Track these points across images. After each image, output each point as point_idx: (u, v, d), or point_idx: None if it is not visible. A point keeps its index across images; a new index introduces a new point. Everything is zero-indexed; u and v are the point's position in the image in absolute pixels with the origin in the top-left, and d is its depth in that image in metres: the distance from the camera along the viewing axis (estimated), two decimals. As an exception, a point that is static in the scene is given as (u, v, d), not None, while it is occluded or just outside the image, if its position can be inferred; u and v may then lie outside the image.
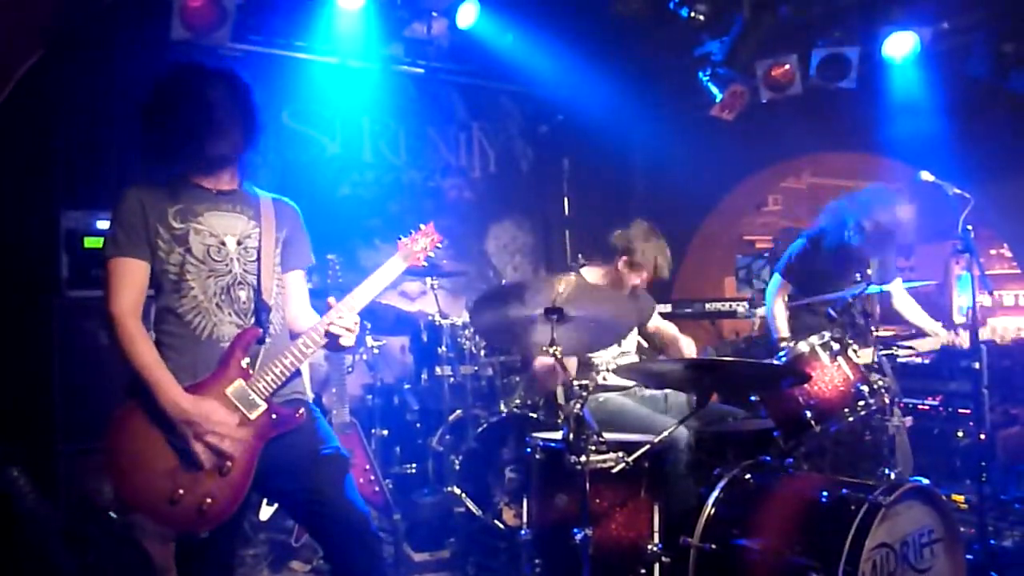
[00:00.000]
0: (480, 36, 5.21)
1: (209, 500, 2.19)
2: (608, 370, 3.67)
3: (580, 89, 5.73)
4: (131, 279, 2.26)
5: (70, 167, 4.36)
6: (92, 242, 3.94)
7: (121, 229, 2.27)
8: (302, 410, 2.35)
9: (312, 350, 2.35)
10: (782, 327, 4.11)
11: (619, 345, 3.72)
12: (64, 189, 4.30)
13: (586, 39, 5.51)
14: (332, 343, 2.36)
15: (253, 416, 2.27)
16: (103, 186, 4.28)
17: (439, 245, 2.64)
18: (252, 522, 3.80)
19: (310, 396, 2.65)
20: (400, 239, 2.60)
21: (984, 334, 3.81)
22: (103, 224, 3.97)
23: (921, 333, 4.13)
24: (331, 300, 2.39)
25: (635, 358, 3.83)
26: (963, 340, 4.00)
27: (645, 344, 4.08)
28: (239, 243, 2.36)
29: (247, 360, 2.29)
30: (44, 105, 4.27)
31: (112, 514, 3.45)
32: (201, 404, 2.19)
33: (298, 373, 2.42)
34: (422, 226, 2.64)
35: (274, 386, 2.30)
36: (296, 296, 2.53)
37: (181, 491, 2.18)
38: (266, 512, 3.83)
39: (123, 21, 4.39)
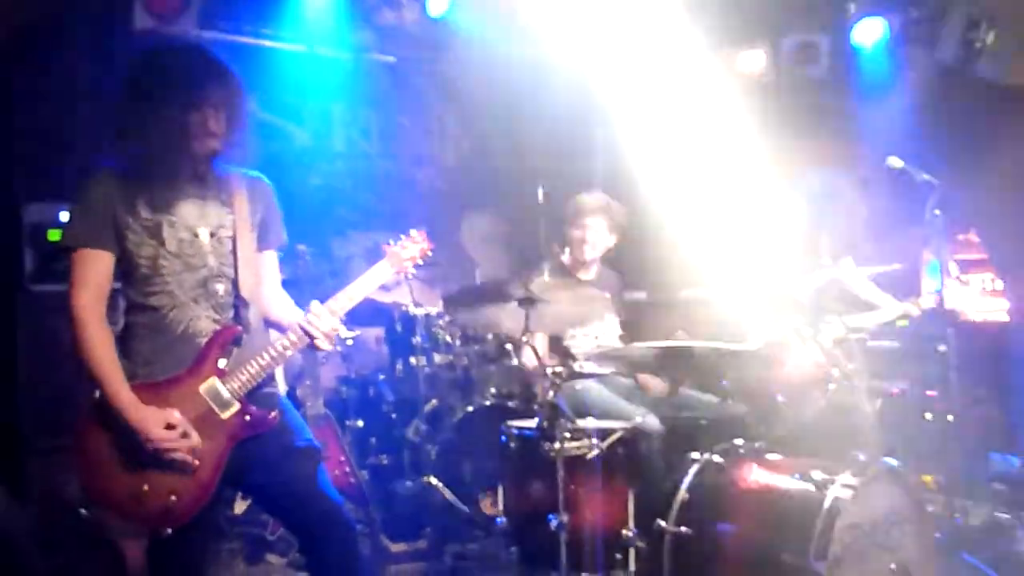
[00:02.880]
0: (452, 24, 5.18)
1: (174, 498, 2.16)
2: (585, 359, 3.69)
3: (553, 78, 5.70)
4: (94, 271, 2.19)
5: (33, 159, 4.27)
6: (56, 235, 3.86)
7: (84, 218, 2.20)
8: (275, 412, 2.30)
9: (291, 351, 2.30)
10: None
11: (596, 338, 3.73)
12: (27, 182, 4.21)
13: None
14: (311, 344, 2.32)
15: (225, 416, 2.23)
16: (67, 178, 4.18)
17: (429, 254, 2.55)
18: (227, 516, 3.77)
19: (283, 389, 2.63)
20: (388, 244, 2.51)
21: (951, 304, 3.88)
22: (67, 217, 3.90)
23: (872, 307, 4.19)
24: (314, 303, 2.34)
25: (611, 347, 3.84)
26: (913, 309, 4.07)
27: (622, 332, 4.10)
28: (212, 235, 2.29)
29: (224, 361, 2.25)
30: (5, 96, 4.17)
31: (83, 511, 3.40)
32: (148, 418, 2.12)
33: (273, 380, 2.39)
34: (413, 232, 2.55)
35: (249, 386, 2.26)
36: (268, 277, 2.47)
37: (146, 487, 2.15)
38: (241, 506, 3.80)
39: (85, 9, 4.30)
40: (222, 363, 2.25)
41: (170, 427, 2.14)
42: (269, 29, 5.03)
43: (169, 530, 2.17)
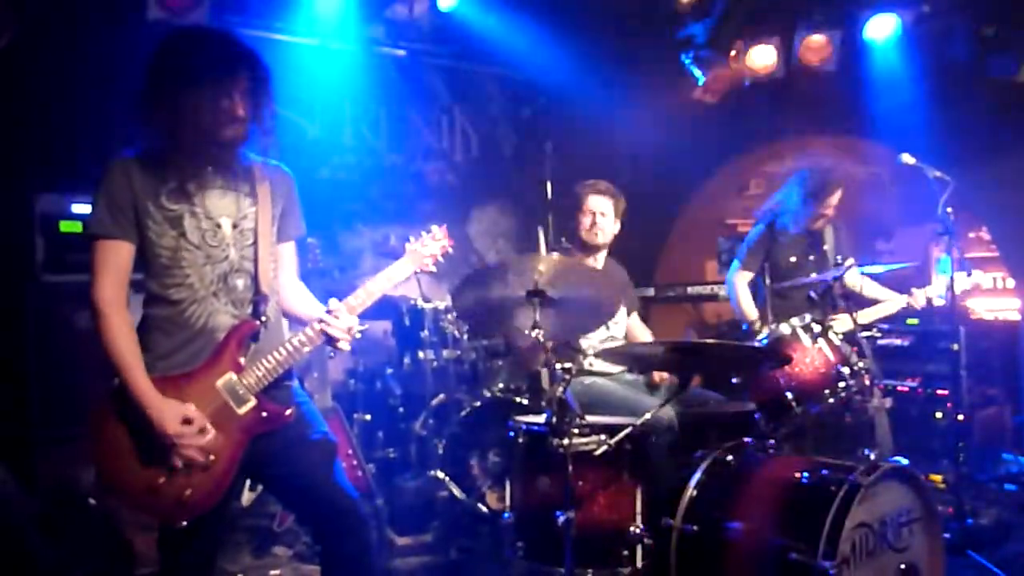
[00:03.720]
0: (462, 18, 5.16)
1: (189, 491, 2.15)
2: (594, 353, 3.68)
3: (563, 72, 5.69)
4: (115, 262, 2.16)
5: (45, 150, 4.28)
6: (68, 226, 3.88)
7: (106, 207, 2.15)
8: (291, 409, 2.29)
9: (308, 348, 2.29)
10: (749, 311, 4.12)
11: (607, 328, 3.72)
12: (39, 172, 4.22)
13: (568, 21, 5.47)
14: (328, 341, 2.31)
15: (242, 411, 2.22)
16: (79, 169, 4.19)
17: (450, 250, 2.55)
18: (234, 508, 3.78)
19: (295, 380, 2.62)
20: (409, 241, 2.50)
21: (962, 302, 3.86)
22: (79, 208, 3.90)
23: (876, 303, 4.18)
24: (333, 301, 2.33)
25: (622, 343, 3.83)
26: (916, 301, 4.06)
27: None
28: (235, 226, 2.26)
29: (242, 356, 2.24)
30: (18, 86, 4.18)
31: (91, 500, 3.41)
32: (167, 412, 2.11)
33: (291, 373, 2.37)
34: (434, 228, 2.54)
35: (265, 382, 2.24)
36: (286, 268, 2.45)
37: (162, 480, 2.14)
38: (248, 497, 3.81)
39: (98, 1, 4.30)
40: (240, 358, 2.23)
41: (187, 422, 2.14)
42: (280, 22, 5.02)
43: (184, 523, 2.17)
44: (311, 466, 2.31)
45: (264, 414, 2.25)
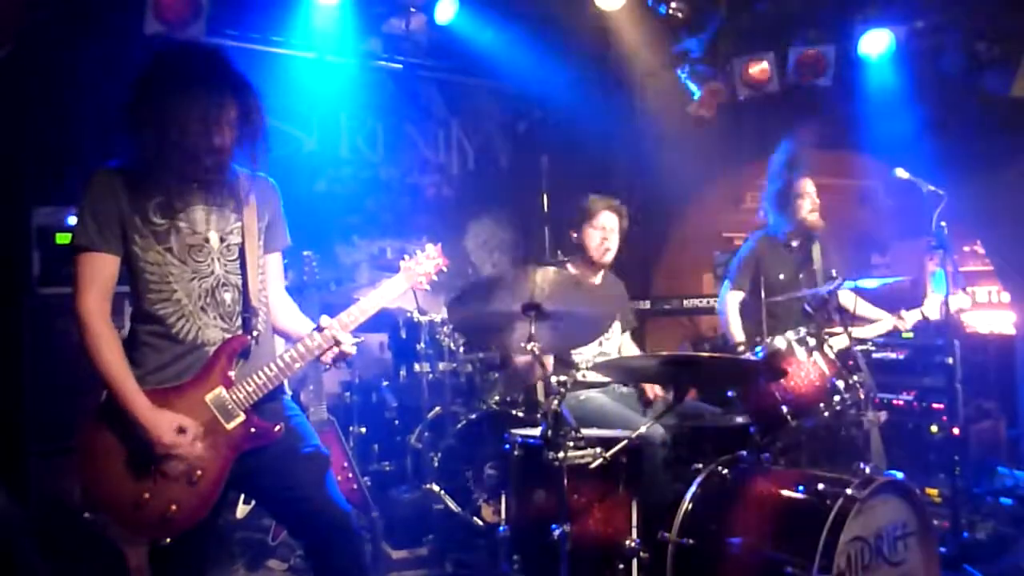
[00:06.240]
0: (458, 32, 5.19)
1: (174, 507, 2.14)
2: (588, 367, 3.68)
3: (558, 86, 5.72)
4: (100, 275, 2.16)
5: (41, 163, 4.28)
6: (64, 238, 3.88)
7: (91, 219, 2.15)
8: (280, 425, 2.28)
9: (300, 365, 2.28)
10: (736, 333, 4.08)
11: (599, 344, 3.73)
12: (35, 185, 4.22)
13: (564, 35, 5.51)
14: (319, 357, 2.31)
15: (230, 426, 2.21)
16: (75, 182, 4.18)
17: (444, 269, 2.57)
18: (228, 521, 3.77)
19: (288, 393, 2.62)
20: (404, 259, 2.53)
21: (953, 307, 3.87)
22: (75, 220, 3.91)
23: (869, 322, 4.19)
24: (324, 319, 2.33)
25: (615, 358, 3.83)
26: (906, 322, 4.07)
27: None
28: (222, 240, 2.26)
29: (231, 371, 2.23)
30: (14, 100, 4.19)
31: (87, 515, 3.39)
32: (161, 421, 2.11)
33: (281, 388, 2.37)
34: (428, 246, 2.56)
35: (255, 398, 2.24)
36: (272, 280, 2.45)
37: (147, 495, 2.13)
38: (242, 511, 3.80)
39: (95, 14, 4.33)
40: (230, 373, 2.23)
41: (181, 431, 2.13)
42: (277, 36, 5.04)
43: (167, 540, 2.16)
44: (302, 480, 2.30)
45: (253, 430, 2.24)
